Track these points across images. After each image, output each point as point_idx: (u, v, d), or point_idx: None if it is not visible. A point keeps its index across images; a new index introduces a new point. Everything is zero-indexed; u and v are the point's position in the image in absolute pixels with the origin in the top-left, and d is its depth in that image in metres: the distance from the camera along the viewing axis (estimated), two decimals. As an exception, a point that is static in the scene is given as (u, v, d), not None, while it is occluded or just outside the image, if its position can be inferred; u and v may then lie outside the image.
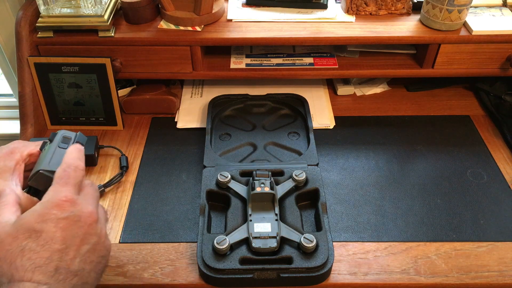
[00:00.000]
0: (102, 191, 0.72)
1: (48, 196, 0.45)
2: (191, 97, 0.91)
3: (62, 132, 0.54)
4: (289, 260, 0.59)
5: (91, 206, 0.46)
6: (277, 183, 0.68)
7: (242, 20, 0.84)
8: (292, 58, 0.88)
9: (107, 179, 0.74)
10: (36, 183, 0.50)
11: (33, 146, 0.53)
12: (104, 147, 0.80)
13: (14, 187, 0.48)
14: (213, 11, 0.82)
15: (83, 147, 0.51)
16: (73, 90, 0.82)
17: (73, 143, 0.53)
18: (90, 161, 0.76)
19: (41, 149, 0.53)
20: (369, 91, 0.93)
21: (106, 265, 0.48)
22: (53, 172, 0.47)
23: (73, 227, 0.43)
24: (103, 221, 0.49)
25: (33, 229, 0.42)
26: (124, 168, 0.75)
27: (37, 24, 0.79)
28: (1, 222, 0.43)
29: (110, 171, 0.76)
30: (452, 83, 0.93)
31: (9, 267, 0.40)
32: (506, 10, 0.84)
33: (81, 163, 0.48)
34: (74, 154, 0.49)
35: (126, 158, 0.77)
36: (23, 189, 0.49)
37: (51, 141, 0.53)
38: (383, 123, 0.85)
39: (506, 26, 0.80)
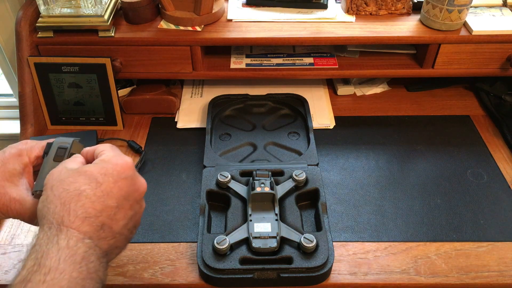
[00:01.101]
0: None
1: (109, 156, 0.46)
2: (191, 97, 0.91)
3: (58, 142, 0.52)
4: (289, 260, 0.59)
5: (142, 177, 0.49)
6: (277, 183, 0.68)
7: (242, 20, 0.84)
8: (292, 58, 0.88)
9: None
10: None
11: (40, 149, 0.52)
12: (104, 140, 0.81)
13: (25, 193, 0.48)
14: (213, 11, 0.82)
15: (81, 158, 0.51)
16: (73, 90, 0.82)
17: (68, 154, 0.51)
18: None
19: (43, 156, 0.52)
20: (369, 91, 0.93)
21: (133, 235, 0.49)
22: None
23: (128, 189, 0.45)
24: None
25: (95, 178, 0.43)
26: (140, 149, 0.79)
27: (37, 24, 0.79)
28: (67, 167, 0.45)
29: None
30: (452, 83, 0.93)
31: (62, 208, 0.41)
32: (506, 10, 0.84)
33: None
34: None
35: (133, 141, 0.80)
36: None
37: (46, 153, 0.52)
38: (383, 123, 0.85)
39: (506, 26, 0.80)
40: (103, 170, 0.44)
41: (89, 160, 0.49)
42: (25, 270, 0.38)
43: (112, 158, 0.46)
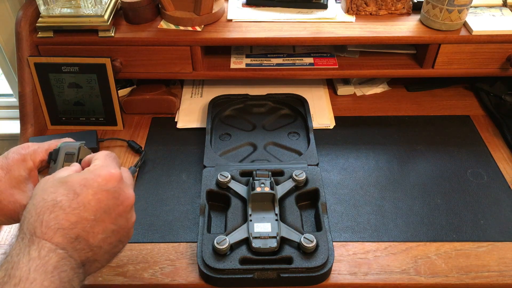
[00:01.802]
0: (134, 171, 0.74)
1: (96, 166, 0.45)
2: (191, 97, 0.91)
3: (65, 148, 0.51)
4: (289, 260, 0.59)
5: (131, 189, 0.47)
6: (277, 183, 0.68)
7: (242, 20, 0.84)
8: (292, 58, 0.88)
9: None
10: None
11: (43, 152, 0.52)
12: (104, 140, 0.81)
13: None
14: (213, 11, 0.82)
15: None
16: (73, 90, 0.82)
17: (77, 159, 0.51)
18: None
19: (48, 161, 0.51)
20: (369, 91, 0.93)
21: (120, 251, 0.48)
22: None
23: (109, 202, 0.43)
24: (134, 213, 0.49)
25: (74, 189, 0.42)
26: (140, 149, 0.79)
27: (37, 24, 0.79)
28: (57, 175, 0.45)
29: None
30: (452, 83, 0.93)
31: (36, 219, 0.41)
32: (506, 10, 0.84)
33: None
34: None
35: (133, 141, 0.80)
36: None
37: (54, 160, 0.51)
38: (383, 123, 0.85)
39: (506, 26, 0.80)
40: (83, 181, 0.43)
41: (85, 167, 0.48)
42: None
43: (97, 169, 0.45)
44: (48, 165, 0.51)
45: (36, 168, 0.51)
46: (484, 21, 0.81)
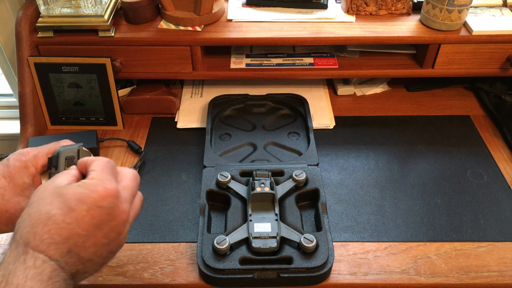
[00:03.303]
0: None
1: (93, 179, 0.44)
2: (191, 97, 0.91)
3: (64, 152, 0.51)
4: (289, 260, 0.59)
5: (127, 203, 0.46)
6: (277, 183, 0.68)
7: (242, 20, 0.84)
8: (292, 58, 0.88)
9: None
10: None
11: (44, 157, 0.52)
12: (104, 140, 0.81)
13: None
14: (213, 11, 0.82)
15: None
16: (73, 90, 0.82)
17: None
18: (93, 155, 0.76)
19: (48, 167, 0.51)
20: (369, 91, 0.93)
21: (111, 259, 0.47)
22: None
23: (103, 218, 0.43)
24: (132, 218, 0.48)
25: (68, 204, 0.42)
26: (139, 150, 0.79)
27: (37, 24, 0.79)
28: (55, 183, 0.44)
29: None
30: (452, 83, 0.93)
31: (30, 230, 0.41)
32: (506, 10, 0.84)
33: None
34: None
35: (133, 141, 0.80)
36: None
37: (56, 167, 0.50)
38: (383, 123, 0.85)
39: (506, 26, 0.80)
40: (78, 195, 0.43)
41: (82, 172, 0.48)
42: None
43: (94, 183, 0.44)
44: (49, 173, 0.51)
45: (38, 174, 0.51)
46: (484, 21, 0.81)
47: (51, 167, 0.51)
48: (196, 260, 0.60)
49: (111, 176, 0.46)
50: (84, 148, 0.52)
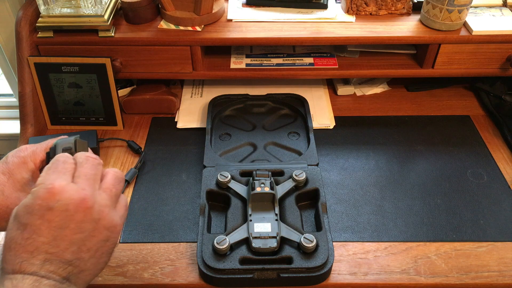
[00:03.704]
0: (134, 173, 0.74)
1: (37, 185, 0.43)
2: (191, 97, 0.91)
3: (61, 144, 0.50)
4: (289, 260, 0.59)
5: (84, 191, 0.43)
6: (277, 183, 0.68)
7: (242, 20, 0.84)
8: (292, 58, 0.88)
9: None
10: None
11: (43, 153, 0.52)
12: (104, 140, 0.81)
13: None
14: (213, 11, 0.82)
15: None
16: (73, 90, 0.82)
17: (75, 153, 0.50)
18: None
19: (47, 161, 0.51)
20: (369, 91, 0.93)
21: (111, 246, 0.46)
22: None
23: (60, 218, 0.41)
24: (107, 202, 0.45)
25: (20, 221, 0.41)
26: (139, 150, 0.79)
27: (37, 24, 0.79)
28: (22, 203, 0.43)
29: (112, 164, 0.78)
30: (452, 83, 0.93)
31: (2, 258, 0.41)
32: (506, 10, 0.84)
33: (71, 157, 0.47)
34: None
35: (133, 141, 0.80)
36: None
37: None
38: (383, 123, 0.85)
39: (506, 26, 0.80)
40: (26, 209, 0.41)
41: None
42: None
43: (36, 190, 0.42)
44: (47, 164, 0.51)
45: (37, 169, 0.51)
46: (484, 21, 0.81)
47: (49, 160, 0.51)
48: (196, 260, 0.60)
49: (56, 172, 0.44)
50: (80, 139, 0.52)
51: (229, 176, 0.68)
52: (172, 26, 0.82)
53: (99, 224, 0.44)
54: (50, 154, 0.51)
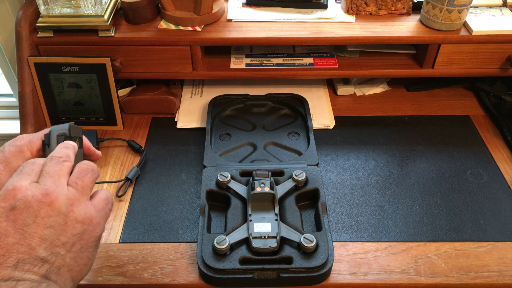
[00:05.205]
0: (137, 171, 0.74)
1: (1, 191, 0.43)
2: (191, 97, 0.91)
3: (55, 130, 0.51)
4: (289, 260, 0.59)
5: (45, 186, 0.43)
6: (277, 183, 0.68)
7: (242, 20, 0.84)
8: (292, 58, 0.88)
9: (109, 172, 0.76)
10: None
11: (39, 141, 0.52)
12: (104, 140, 0.81)
13: None
14: (213, 11, 0.82)
15: (72, 143, 0.50)
16: (73, 90, 0.82)
17: (69, 139, 0.51)
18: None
19: (43, 148, 0.51)
20: (369, 91, 0.93)
21: (91, 240, 0.45)
22: None
23: (24, 215, 0.41)
24: (75, 195, 0.45)
25: None
26: (140, 149, 0.79)
27: (37, 24, 0.79)
28: None
29: (112, 164, 0.77)
30: (452, 83, 0.93)
31: None
32: (506, 10, 0.84)
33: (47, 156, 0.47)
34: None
35: (133, 141, 0.80)
36: None
37: (48, 144, 0.51)
38: (383, 123, 0.85)
39: (506, 26, 0.80)
40: None
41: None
42: None
43: (1, 190, 0.42)
44: (44, 153, 0.51)
45: (34, 158, 0.50)
46: (484, 21, 0.81)
47: (45, 146, 0.51)
48: (196, 260, 0.60)
49: (21, 174, 0.44)
50: (75, 125, 0.52)
51: (229, 176, 0.68)
52: (172, 26, 0.82)
53: (70, 217, 0.43)
54: (45, 141, 0.51)
